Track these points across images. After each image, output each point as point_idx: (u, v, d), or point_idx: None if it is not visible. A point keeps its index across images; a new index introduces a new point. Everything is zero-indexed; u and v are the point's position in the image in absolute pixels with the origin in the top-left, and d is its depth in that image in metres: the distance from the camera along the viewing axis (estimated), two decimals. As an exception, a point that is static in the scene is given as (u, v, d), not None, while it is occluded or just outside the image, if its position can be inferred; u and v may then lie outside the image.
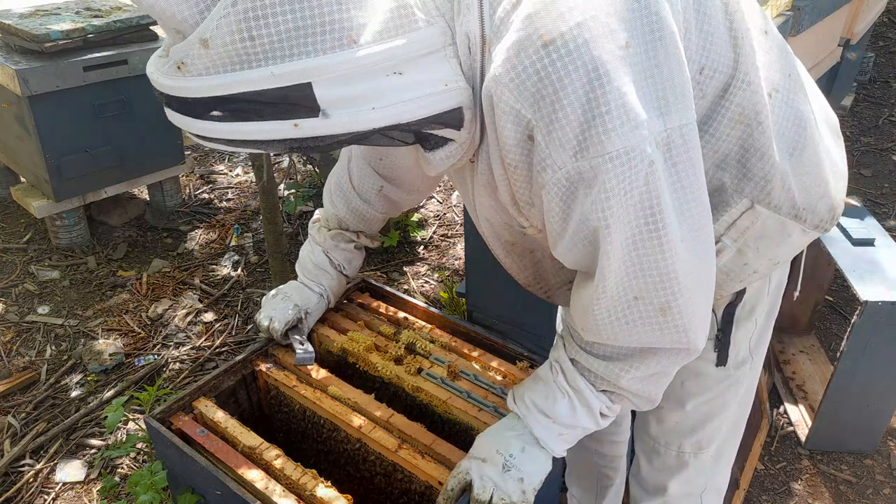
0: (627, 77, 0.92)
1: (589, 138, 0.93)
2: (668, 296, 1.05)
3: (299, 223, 3.92)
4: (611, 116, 0.91)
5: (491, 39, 0.97)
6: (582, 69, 0.90)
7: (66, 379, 2.85)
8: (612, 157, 0.93)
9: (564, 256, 1.11)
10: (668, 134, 0.95)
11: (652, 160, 0.94)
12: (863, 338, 2.34)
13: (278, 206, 2.55)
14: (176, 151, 3.90)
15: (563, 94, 0.91)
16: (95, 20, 3.43)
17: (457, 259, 3.63)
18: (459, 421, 1.57)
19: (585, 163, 0.94)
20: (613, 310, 1.08)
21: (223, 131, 0.95)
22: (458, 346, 1.75)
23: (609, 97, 0.91)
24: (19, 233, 3.86)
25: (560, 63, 0.90)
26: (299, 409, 1.70)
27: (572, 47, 0.90)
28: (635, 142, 0.92)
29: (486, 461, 1.24)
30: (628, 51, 0.92)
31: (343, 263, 1.74)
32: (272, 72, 0.88)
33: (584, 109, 0.91)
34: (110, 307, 3.29)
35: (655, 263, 1.01)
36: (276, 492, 1.38)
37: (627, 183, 0.94)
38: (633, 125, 0.92)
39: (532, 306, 2.54)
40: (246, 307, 3.29)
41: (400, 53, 0.92)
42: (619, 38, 0.92)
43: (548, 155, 0.96)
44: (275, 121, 0.93)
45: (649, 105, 0.94)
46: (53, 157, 3.41)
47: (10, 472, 2.43)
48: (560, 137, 0.94)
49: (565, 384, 1.22)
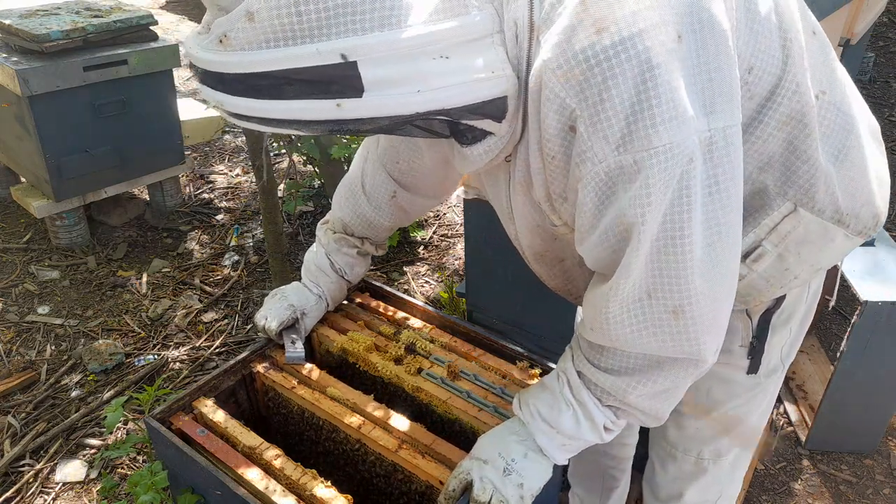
0: (678, 72, 0.90)
1: (635, 131, 0.91)
2: (682, 299, 1.02)
3: (299, 223, 3.92)
4: (660, 110, 0.89)
5: (540, 27, 0.95)
6: (635, 59, 0.88)
7: (66, 379, 2.85)
8: (657, 152, 0.91)
9: (589, 253, 1.09)
10: (711, 134, 0.94)
11: (692, 157, 0.92)
12: (863, 338, 2.34)
13: (278, 206, 2.55)
14: (176, 151, 3.90)
15: (612, 83, 0.89)
16: (95, 20, 3.43)
17: (457, 259, 3.63)
18: (459, 421, 1.57)
19: (629, 157, 0.92)
20: (625, 308, 1.06)
21: (261, 109, 0.92)
22: (458, 346, 1.75)
23: (660, 90, 0.89)
24: (19, 233, 3.86)
25: (612, 51, 0.89)
26: (297, 410, 1.70)
27: (626, 35, 0.88)
28: (681, 137, 0.91)
29: (488, 463, 1.23)
30: (680, 45, 0.91)
31: (344, 268, 1.72)
32: (317, 48, 0.86)
33: (632, 101, 0.90)
34: (110, 307, 3.29)
35: (675, 263, 1.00)
36: (276, 492, 1.38)
37: (667, 178, 0.93)
38: (681, 121, 0.90)
39: (532, 306, 2.54)
40: (246, 307, 3.29)
41: (448, 37, 0.91)
42: (671, 32, 0.90)
43: (589, 147, 0.94)
44: (317, 100, 0.90)
45: (696, 103, 0.92)
46: (53, 157, 3.41)
47: (10, 472, 2.43)
48: (604, 129, 0.92)
49: (570, 396, 1.20)
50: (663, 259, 0.99)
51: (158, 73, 3.63)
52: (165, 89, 3.71)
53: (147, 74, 3.58)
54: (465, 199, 2.51)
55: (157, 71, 3.61)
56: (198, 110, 4.39)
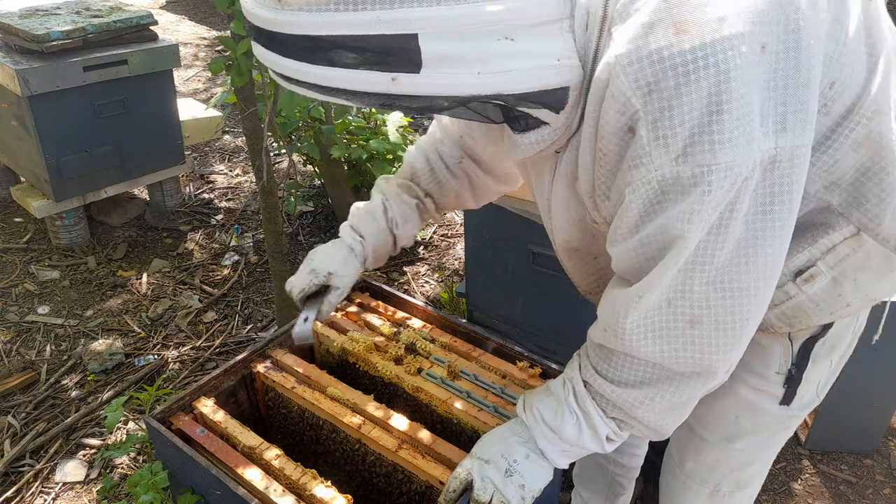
0: (755, 86, 0.86)
1: (698, 144, 0.86)
2: (701, 309, 0.99)
3: (299, 223, 3.92)
4: (730, 126, 0.85)
5: (613, 18, 0.90)
6: (713, 68, 0.84)
7: (66, 379, 2.85)
8: (718, 169, 0.87)
9: (621, 256, 1.05)
10: (776, 152, 0.89)
11: (747, 177, 0.88)
12: (863, 338, 2.33)
13: (278, 206, 2.55)
14: (176, 151, 3.90)
15: (685, 90, 0.85)
16: (95, 20, 3.43)
17: (457, 259, 3.63)
18: (459, 421, 1.57)
19: (687, 169, 0.88)
20: (645, 314, 1.02)
21: (313, 75, 0.88)
22: (458, 346, 1.75)
23: (733, 105, 0.84)
24: (19, 233, 3.86)
25: (690, 56, 0.84)
26: (297, 410, 1.70)
27: (707, 41, 0.84)
28: (742, 157, 0.86)
29: (489, 463, 1.22)
30: (763, 57, 0.86)
31: (397, 218, 1.52)
32: (379, 17, 0.82)
33: (701, 112, 0.85)
34: (110, 307, 3.29)
35: (700, 274, 0.97)
36: (276, 492, 1.38)
37: (722, 195, 0.89)
38: (748, 139, 0.86)
39: (532, 306, 2.54)
40: (246, 307, 3.29)
41: (515, 17, 0.86)
42: (756, 42, 0.85)
43: (646, 152, 0.90)
44: (371, 71, 0.86)
45: (768, 119, 0.88)
46: (53, 157, 3.41)
47: (10, 472, 2.43)
48: (667, 136, 0.87)
49: (575, 405, 1.18)
50: (691, 270, 0.97)
51: (158, 73, 3.63)
52: (165, 89, 3.71)
53: (147, 74, 3.58)
54: (465, 199, 2.51)
55: (157, 71, 3.61)
56: (198, 110, 4.39)
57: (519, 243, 2.41)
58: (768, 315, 1.14)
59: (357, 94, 0.89)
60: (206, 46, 6.96)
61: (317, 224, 3.93)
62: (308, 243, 3.75)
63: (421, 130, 5.03)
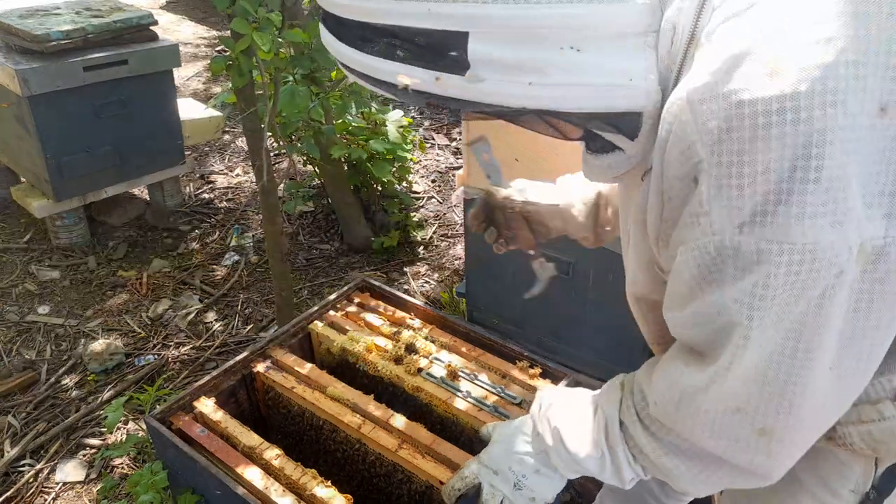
0: (861, 155, 0.70)
1: (770, 213, 0.71)
2: (777, 422, 0.84)
3: (299, 223, 3.92)
4: (814, 198, 0.69)
5: (701, 41, 0.77)
6: (804, 124, 0.68)
7: (66, 379, 2.85)
8: (792, 250, 0.72)
9: (676, 327, 0.93)
10: (885, 243, 0.72)
11: (842, 270, 0.72)
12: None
13: (278, 206, 2.55)
14: (176, 151, 3.90)
15: (762, 145, 0.70)
16: (95, 20, 3.42)
17: (457, 259, 3.62)
18: (459, 421, 1.57)
19: (751, 240, 0.73)
20: (708, 412, 0.89)
21: (364, 64, 0.82)
22: (458, 346, 1.75)
23: (824, 173, 0.69)
24: (19, 233, 3.86)
25: (778, 105, 0.69)
26: (298, 410, 1.70)
27: (804, 90, 0.68)
28: (830, 241, 0.71)
29: (498, 475, 1.16)
30: (880, 120, 0.70)
31: None
32: (430, 8, 0.74)
33: (780, 175, 0.70)
34: (110, 307, 3.29)
35: (783, 387, 0.81)
36: (276, 491, 1.38)
37: (799, 290, 0.73)
38: (838, 219, 0.70)
39: (532, 306, 2.54)
40: (246, 307, 3.29)
41: (590, 24, 0.74)
42: (873, 100, 0.69)
43: (705, 211, 0.76)
44: (417, 67, 0.79)
45: (874, 199, 0.71)
46: (53, 157, 3.41)
47: (10, 472, 2.43)
48: (731, 196, 0.73)
49: (604, 443, 1.06)
50: (772, 378, 0.81)
51: (158, 73, 3.63)
52: (165, 89, 3.71)
53: (147, 74, 3.58)
54: (465, 199, 2.51)
55: (157, 71, 3.61)
56: (198, 110, 4.39)
57: (519, 243, 2.40)
58: (849, 430, 0.97)
59: (403, 90, 0.82)
60: (206, 46, 6.95)
61: (317, 224, 3.93)
62: (308, 243, 3.75)
63: (421, 130, 5.03)
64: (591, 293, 2.32)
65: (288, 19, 2.28)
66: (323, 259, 3.63)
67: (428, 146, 4.79)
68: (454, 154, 4.72)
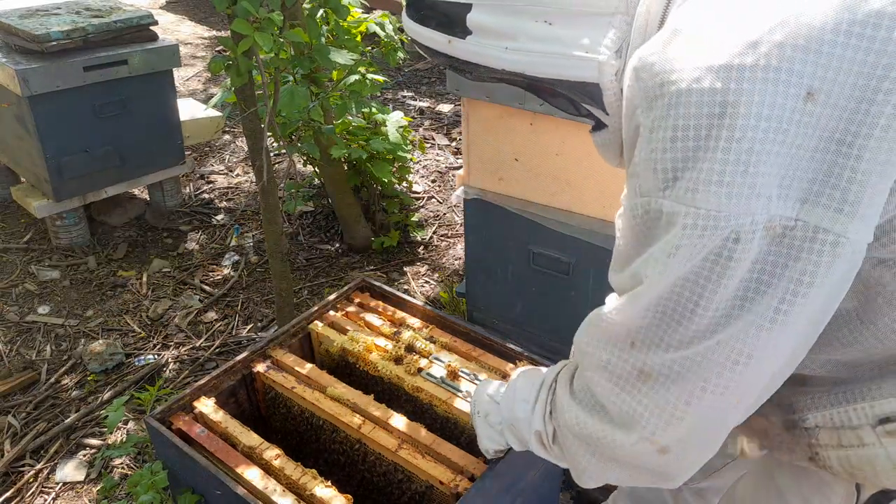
0: (782, 135, 0.71)
1: (681, 178, 0.76)
2: (654, 358, 0.87)
3: (299, 223, 3.92)
4: (721, 167, 0.73)
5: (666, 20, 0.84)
6: (720, 96, 0.72)
7: (66, 379, 2.85)
8: (695, 214, 0.75)
9: (616, 288, 0.96)
10: (795, 224, 0.74)
11: (739, 238, 0.74)
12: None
13: (278, 206, 2.55)
14: (176, 151, 3.90)
15: (682, 111, 0.74)
16: (95, 20, 3.42)
17: (457, 259, 3.62)
18: (459, 421, 1.57)
19: (667, 203, 0.78)
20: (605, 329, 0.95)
21: (413, 31, 1.01)
22: (458, 346, 1.75)
23: (734, 145, 0.72)
24: (19, 233, 3.86)
25: (697, 74, 0.73)
26: (298, 410, 1.70)
27: (722, 64, 0.72)
28: (733, 210, 0.73)
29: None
30: (802, 106, 0.71)
31: None
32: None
33: (694, 144, 0.74)
34: (110, 307, 3.29)
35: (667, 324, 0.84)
36: (276, 491, 1.38)
37: (698, 250, 0.77)
38: (743, 192, 0.73)
39: (532, 306, 2.54)
40: (246, 307, 3.29)
41: (561, 3, 0.86)
42: (800, 84, 0.70)
43: (637, 174, 0.82)
44: (437, 32, 0.97)
45: (792, 182, 0.73)
46: (53, 157, 3.41)
47: (10, 472, 2.43)
48: (654, 160, 0.78)
49: (535, 392, 1.18)
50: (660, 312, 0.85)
51: (158, 73, 3.63)
52: (165, 89, 3.71)
53: (147, 74, 3.58)
54: (465, 199, 2.51)
55: (157, 71, 3.61)
56: (198, 110, 4.39)
57: (519, 243, 2.41)
58: (829, 453, 0.96)
59: (430, 51, 1.00)
60: (206, 46, 6.95)
61: (317, 224, 3.93)
62: (308, 243, 3.75)
63: (421, 130, 5.03)
64: (591, 293, 2.32)
65: (288, 19, 2.27)
66: (323, 259, 3.63)
67: (428, 146, 4.79)
68: (454, 154, 4.72)
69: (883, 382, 0.89)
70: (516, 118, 2.20)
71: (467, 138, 2.37)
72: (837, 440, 0.94)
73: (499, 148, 2.30)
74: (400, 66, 5.48)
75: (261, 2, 1.91)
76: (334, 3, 2.46)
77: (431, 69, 6.19)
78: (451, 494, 1.39)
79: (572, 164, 2.13)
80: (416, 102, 5.52)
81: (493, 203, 2.42)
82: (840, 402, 0.93)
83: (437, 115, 5.32)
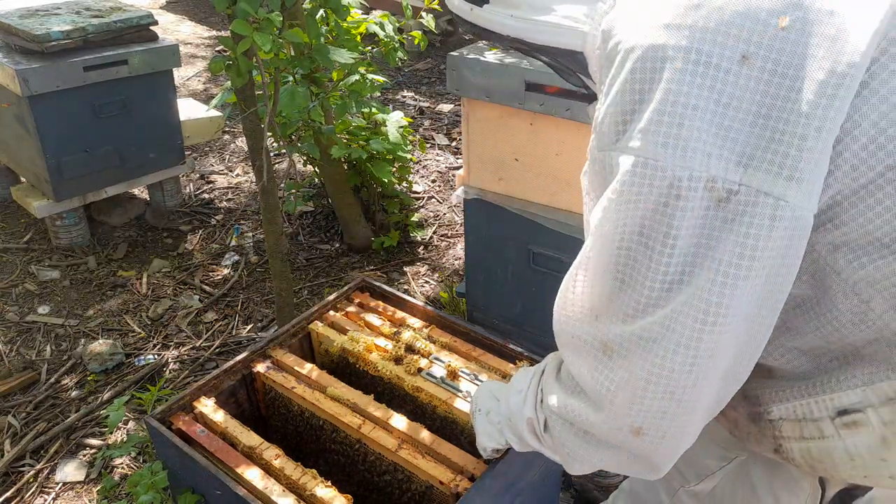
0: (717, 94, 0.75)
1: (624, 132, 0.82)
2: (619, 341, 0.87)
3: (299, 223, 3.92)
4: (653, 116, 0.78)
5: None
6: (660, 53, 0.78)
7: (66, 379, 2.85)
8: (634, 162, 0.80)
9: None
10: (739, 189, 0.76)
11: (679, 192, 0.77)
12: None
13: (278, 206, 2.55)
14: (176, 151, 3.90)
15: (628, 66, 0.81)
16: (95, 20, 3.42)
17: (457, 259, 3.62)
18: (459, 421, 1.57)
19: (616, 154, 0.83)
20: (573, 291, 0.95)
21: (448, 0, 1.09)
22: (458, 346, 1.75)
23: (665, 97, 0.77)
24: (19, 233, 3.86)
25: (646, 33, 0.80)
26: (298, 410, 1.70)
27: (666, 23, 0.79)
28: (667, 160, 0.77)
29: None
30: (738, 68, 0.75)
31: None
32: None
33: (632, 98, 0.81)
34: (110, 307, 3.29)
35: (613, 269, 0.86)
36: (276, 491, 1.38)
37: (636, 196, 0.80)
38: (678, 143, 0.76)
39: (531, 306, 2.54)
40: (246, 307, 3.29)
41: None
42: (736, 48, 0.75)
43: (598, 129, 0.88)
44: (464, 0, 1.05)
45: (725, 142, 0.76)
46: (53, 157, 3.41)
47: (10, 472, 2.43)
48: (609, 113, 0.84)
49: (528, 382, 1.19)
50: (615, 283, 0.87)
51: (158, 73, 3.63)
52: (165, 89, 3.71)
53: (147, 74, 3.58)
54: (465, 199, 2.51)
55: (157, 71, 3.61)
56: (198, 110, 4.39)
57: (519, 243, 2.41)
58: (791, 445, 0.97)
59: (459, 19, 1.08)
60: (206, 46, 6.95)
61: (317, 224, 3.93)
62: (308, 243, 3.75)
63: (421, 130, 5.03)
64: (591, 293, 2.31)
65: (287, 19, 2.27)
66: (323, 259, 3.63)
67: (428, 146, 4.79)
68: (454, 154, 4.72)
69: (842, 374, 0.90)
70: (516, 118, 2.20)
71: (467, 138, 2.37)
72: (799, 432, 0.95)
73: (499, 148, 2.30)
74: (400, 66, 5.48)
75: (260, 2, 1.91)
76: (334, 3, 2.46)
77: (431, 69, 6.19)
78: (451, 494, 1.39)
79: (572, 164, 2.13)
80: (416, 102, 5.52)
81: (493, 203, 2.42)
82: (803, 394, 0.95)
83: (437, 115, 5.32)
